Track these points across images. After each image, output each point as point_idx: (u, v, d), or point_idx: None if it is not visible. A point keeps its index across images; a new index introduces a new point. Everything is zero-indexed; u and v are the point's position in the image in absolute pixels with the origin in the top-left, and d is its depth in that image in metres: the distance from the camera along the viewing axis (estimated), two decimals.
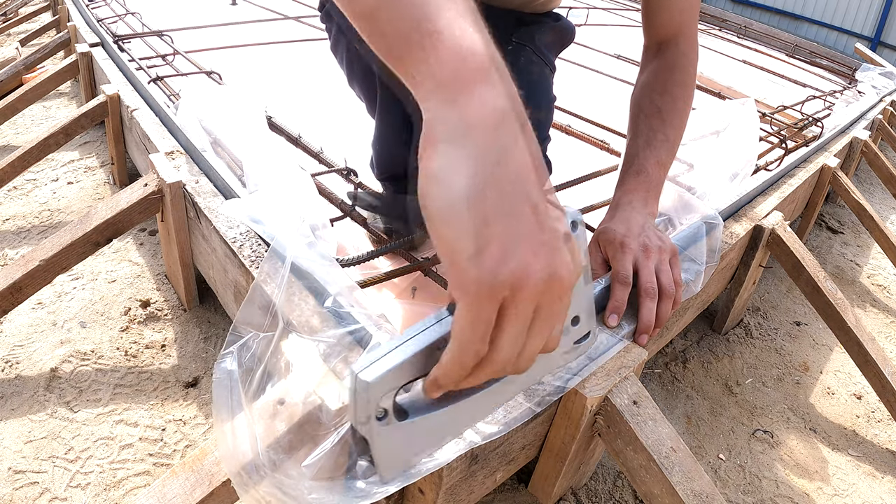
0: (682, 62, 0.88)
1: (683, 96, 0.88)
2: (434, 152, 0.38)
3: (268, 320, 0.69)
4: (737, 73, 2.93)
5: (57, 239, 1.03)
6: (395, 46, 0.40)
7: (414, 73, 0.40)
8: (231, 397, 0.62)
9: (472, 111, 0.37)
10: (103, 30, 1.81)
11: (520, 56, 0.98)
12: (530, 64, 0.99)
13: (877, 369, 1.17)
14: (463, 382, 0.43)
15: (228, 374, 0.63)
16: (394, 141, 1.06)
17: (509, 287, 0.37)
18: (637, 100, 0.89)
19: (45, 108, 2.22)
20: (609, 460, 1.02)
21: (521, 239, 0.37)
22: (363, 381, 0.44)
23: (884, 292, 1.78)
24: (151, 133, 1.26)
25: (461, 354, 0.40)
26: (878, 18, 5.14)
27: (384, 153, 1.10)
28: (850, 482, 1.09)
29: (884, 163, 2.05)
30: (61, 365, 1.07)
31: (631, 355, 0.79)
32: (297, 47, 2.18)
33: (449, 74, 0.37)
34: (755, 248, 1.25)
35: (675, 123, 0.87)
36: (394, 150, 1.08)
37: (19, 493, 0.84)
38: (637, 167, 0.84)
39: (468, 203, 0.36)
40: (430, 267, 0.89)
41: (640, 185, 0.83)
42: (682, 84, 0.88)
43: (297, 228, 0.78)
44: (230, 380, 0.63)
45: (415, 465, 0.53)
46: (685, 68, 0.88)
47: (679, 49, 0.88)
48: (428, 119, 0.38)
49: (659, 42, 0.90)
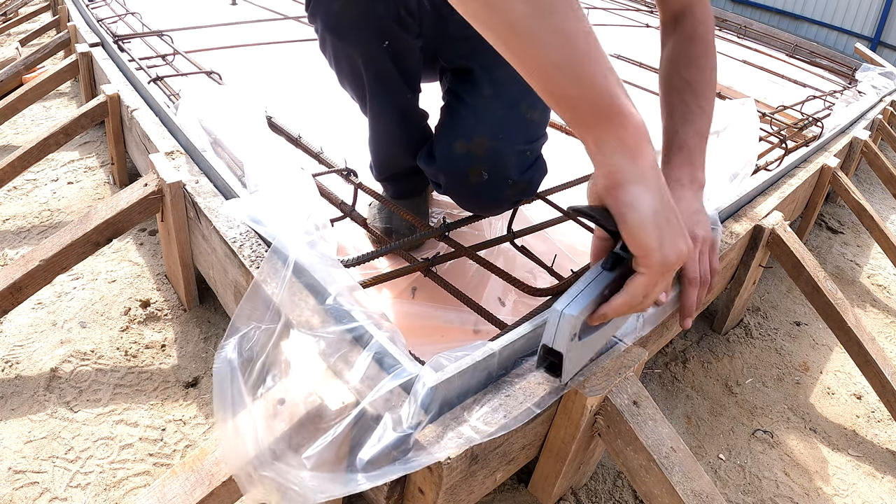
0: (700, 31, 0.90)
1: (709, 66, 0.90)
2: (624, 190, 0.59)
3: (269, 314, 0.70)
4: (737, 73, 2.92)
5: (57, 239, 1.03)
6: (586, 117, 0.57)
7: (603, 139, 0.58)
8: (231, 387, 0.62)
9: (646, 164, 0.59)
10: (103, 30, 1.81)
11: None
12: None
13: (877, 369, 1.17)
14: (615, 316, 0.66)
15: (229, 362, 0.64)
16: (388, 140, 1.06)
17: (673, 265, 0.62)
18: (666, 77, 0.91)
19: (45, 108, 2.22)
20: (609, 460, 1.02)
21: (677, 237, 0.62)
22: (569, 315, 0.62)
23: (884, 292, 1.78)
24: (151, 133, 1.26)
25: (632, 300, 0.64)
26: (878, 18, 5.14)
27: (381, 153, 1.09)
28: (850, 482, 1.09)
29: (884, 163, 2.05)
30: (61, 365, 1.07)
31: (631, 355, 0.79)
32: (297, 47, 2.18)
33: (634, 142, 0.58)
34: (755, 248, 1.25)
35: (707, 94, 0.89)
36: (390, 149, 1.08)
37: (19, 493, 0.84)
38: (679, 143, 0.87)
39: (653, 218, 0.59)
40: (429, 267, 0.89)
41: (684, 161, 0.86)
42: (705, 54, 0.90)
43: (301, 226, 0.78)
44: (230, 369, 0.63)
45: (581, 371, 0.74)
46: (704, 37, 0.90)
47: (696, 18, 0.90)
48: (613, 168, 0.59)
49: (675, 14, 0.91)
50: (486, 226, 1.21)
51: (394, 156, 1.08)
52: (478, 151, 0.92)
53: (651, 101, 2.07)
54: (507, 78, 0.95)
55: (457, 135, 0.94)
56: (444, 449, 0.62)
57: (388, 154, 1.09)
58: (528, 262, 1.02)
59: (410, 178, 1.12)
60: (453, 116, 0.98)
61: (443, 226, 0.97)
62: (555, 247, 1.17)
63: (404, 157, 1.06)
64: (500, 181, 0.94)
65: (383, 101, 0.98)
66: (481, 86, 0.96)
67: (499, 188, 0.95)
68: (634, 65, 2.52)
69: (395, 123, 1.02)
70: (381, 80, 0.94)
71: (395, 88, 0.96)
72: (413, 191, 1.15)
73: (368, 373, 0.68)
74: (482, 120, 0.93)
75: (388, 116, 1.01)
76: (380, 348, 0.68)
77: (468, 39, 0.96)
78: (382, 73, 0.93)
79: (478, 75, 0.97)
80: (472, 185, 0.94)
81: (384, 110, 1.00)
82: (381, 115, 1.01)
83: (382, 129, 1.04)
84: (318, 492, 0.57)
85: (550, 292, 0.91)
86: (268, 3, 2.70)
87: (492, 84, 0.95)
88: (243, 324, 0.67)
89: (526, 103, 0.95)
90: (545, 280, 1.09)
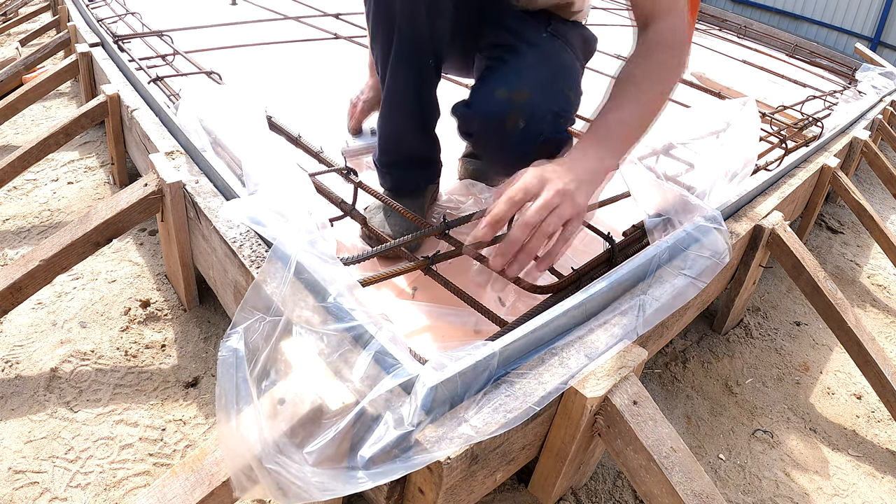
0: (666, 38, 0.88)
1: (666, 65, 0.88)
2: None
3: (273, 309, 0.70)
4: (737, 73, 2.92)
5: (57, 239, 1.03)
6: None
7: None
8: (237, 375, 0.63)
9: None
10: (103, 30, 1.81)
11: (554, 43, 1.02)
12: (563, 51, 1.03)
13: (877, 369, 1.17)
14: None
15: (234, 352, 0.64)
16: (400, 110, 1.05)
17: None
18: (617, 71, 0.90)
19: (45, 108, 2.22)
20: (609, 460, 1.02)
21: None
22: None
23: (884, 292, 1.78)
24: (151, 133, 1.26)
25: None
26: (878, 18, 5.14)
27: (391, 128, 1.09)
28: (850, 482, 1.09)
29: (884, 163, 2.05)
30: (61, 365, 1.07)
31: (631, 355, 0.79)
32: (297, 47, 2.18)
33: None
34: (755, 248, 1.25)
35: (647, 88, 0.86)
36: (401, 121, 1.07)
37: (19, 493, 0.84)
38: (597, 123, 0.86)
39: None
40: (429, 266, 0.89)
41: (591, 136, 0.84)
42: (666, 53, 0.88)
43: (303, 223, 0.78)
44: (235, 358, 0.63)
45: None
46: (670, 44, 0.88)
47: (666, 24, 0.89)
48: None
49: (646, 19, 0.91)
50: None
51: (403, 131, 1.08)
52: (519, 100, 0.95)
53: None
54: (550, 52, 1.00)
55: (501, 83, 0.96)
56: (444, 448, 0.62)
57: (397, 129, 1.08)
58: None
59: (414, 171, 1.12)
60: (497, 71, 1.00)
61: (443, 224, 0.97)
62: None
63: (413, 135, 1.07)
64: (533, 133, 0.97)
65: (406, 58, 0.98)
66: (525, 55, 0.99)
67: (531, 140, 0.97)
68: None
69: (411, 91, 1.02)
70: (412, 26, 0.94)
71: (420, 45, 0.97)
72: (414, 188, 1.14)
73: (369, 372, 0.68)
74: (526, 77, 0.96)
75: (406, 78, 1.00)
76: (380, 348, 0.68)
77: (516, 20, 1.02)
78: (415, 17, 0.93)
79: (521, 49, 0.99)
80: (506, 131, 0.96)
81: (403, 69, 0.99)
82: (398, 75, 1.00)
83: (397, 95, 1.03)
84: (320, 489, 0.57)
85: (550, 290, 0.91)
86: (268, 3, 2.70)
87: (535, 55, 0.99)
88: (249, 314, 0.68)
89: (564, 80, 1.00)
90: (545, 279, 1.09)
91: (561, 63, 1.03)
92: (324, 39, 2.23)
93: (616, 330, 0.84)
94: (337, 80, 1.89)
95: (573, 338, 0.82)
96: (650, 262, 0.94)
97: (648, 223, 1.02)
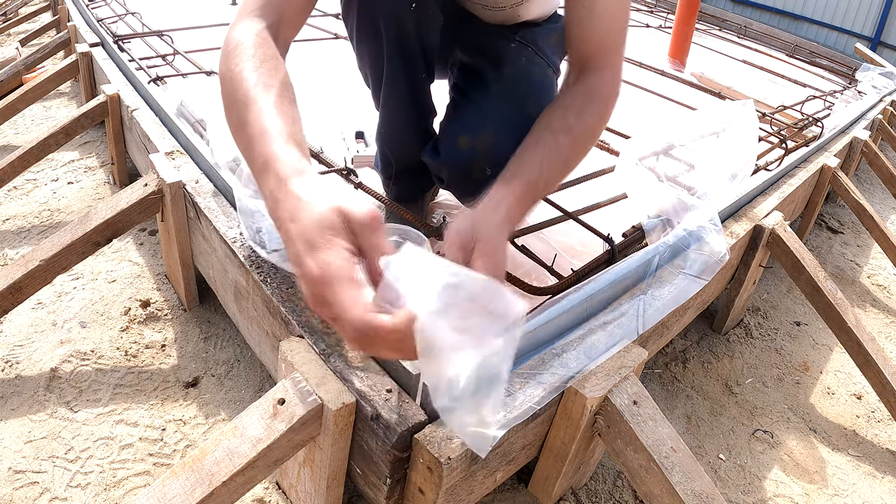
0: (602, 95, 0.81)
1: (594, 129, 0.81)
2: None
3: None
4: (737, 73, 2.92)
5: (57, 239, 1.03)
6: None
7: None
8: None
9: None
10: (103, 30, 1.81)
11: (522, 55, 0.98)
12: (532, 64, 0.99)
13: (877, 369, 1.17)
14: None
15: None
16: (399, 124, 1.04)
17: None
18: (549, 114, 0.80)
19: (45, 108, 2.22)
20: (609, 460, 1.02)
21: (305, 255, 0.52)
22: None
23: (884, 292, 1.78)
24: (151, 133, 1.26)
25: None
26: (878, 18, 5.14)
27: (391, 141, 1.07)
28: (850, 482, 1.09)
29: (884, 163, 2.05)
30: (61, 365, 1.07)
31: (631, 355, 0.79)
32: (297, 47, 2.18)
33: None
34: (755, 248, 1.25)
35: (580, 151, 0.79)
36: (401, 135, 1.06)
37: (19, 493, 0.84)
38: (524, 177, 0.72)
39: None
40: None
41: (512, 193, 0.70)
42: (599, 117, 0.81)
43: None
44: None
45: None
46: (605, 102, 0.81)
47: (602, 80, 0.82)
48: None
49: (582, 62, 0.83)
50: None
51: (403, 144, 1.07)
52: (482, 147, 0.92)
53: (651, 101, 2.07)
54: (515, 76, 0.95)
55: (461, 129, 0.94)
56: (444, 448, 0.62)
57: (398, 142, 1.07)
58: (528, 262, 1.02)
59: (415, 179, 1.12)
60: (458, 111, 0.98)
61: (442, 225, 0.97)
62: (554, 247, 1.17)
63: (413, 145, 1.06)
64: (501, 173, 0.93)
65: (399, 76, 0.95)
66: (489, 83, 0.96)
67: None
68: (634, 65, 2.51)
69: (408, 104, 1.01)
70: (401, 45, 0.92)
71: (412, 61, 0.95)
72: (416, 194, 1.15)
73: (369, 372, 0.68)
74: (487, 116, 0.93)
75: (402, 93, 0.98)
76: None
77: (484, 32, 0.97)
78: (403, 37, 0.90)
79: (486, 72, 0.96)
80: (474, 180, 0.94)
81: (398, 85, 0.97)
82: (394, 90, 0.98)
83: (394, 109, 1.02)
84: None
85: (550, 291, 0.91)
86: None
87: (499, 81, 0.95)
88: None
89: (532, 102, 0.93)
90: (545, 279, 1.09)
91: (528, 81, 0.97)
92: (324, 39, 2.23)
93: (616, 330, 0.84)
94: (337, 81, 1.89)
95: (573, 338, 0.82)
96: (650, 261, 0.94)
97: (647, 224, 1.03)
